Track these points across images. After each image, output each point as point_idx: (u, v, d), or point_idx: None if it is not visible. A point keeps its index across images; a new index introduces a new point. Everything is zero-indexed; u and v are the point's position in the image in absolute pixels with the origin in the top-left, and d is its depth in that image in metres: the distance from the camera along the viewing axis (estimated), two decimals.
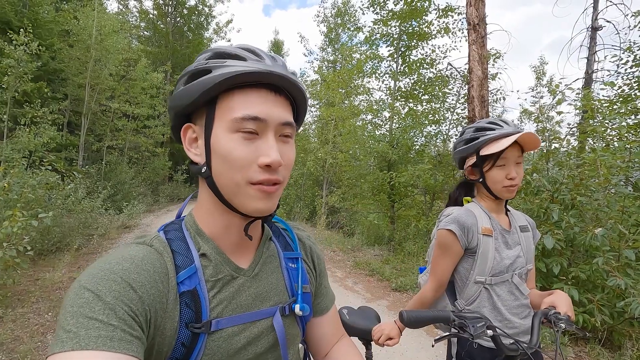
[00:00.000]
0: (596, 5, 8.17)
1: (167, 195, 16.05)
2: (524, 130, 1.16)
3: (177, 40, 20.36)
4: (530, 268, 1.28)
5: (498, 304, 1.22)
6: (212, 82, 0.53)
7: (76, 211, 6.72)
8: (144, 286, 0.49)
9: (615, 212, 3.40)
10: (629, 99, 5.83)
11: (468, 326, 0.92)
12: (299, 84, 0.58)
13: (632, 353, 3.01)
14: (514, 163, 1.21)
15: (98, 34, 10.55)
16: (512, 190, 1.22)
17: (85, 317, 0.43)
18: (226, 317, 0.58)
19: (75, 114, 11.85)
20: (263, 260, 0.67)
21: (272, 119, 0.55)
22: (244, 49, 0.58)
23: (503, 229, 1.27)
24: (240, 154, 0.53)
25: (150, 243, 0.57)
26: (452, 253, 1.25)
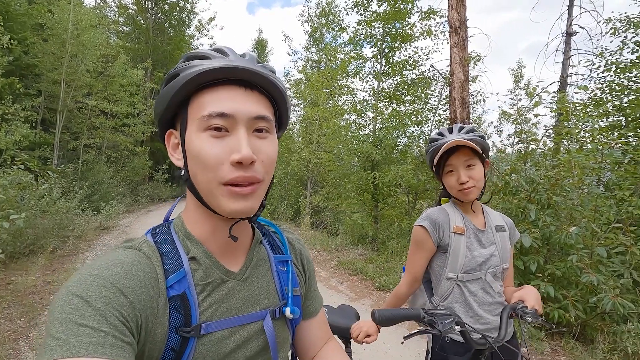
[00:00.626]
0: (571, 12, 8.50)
1: (147, 195, 15.67)
2: (451, 140, 1.24)
3: (158, 36, 19.88)
4: (505, 267, 1.33)
5: (470, 300, 1.27)
6: (179, 83, 0.54)
7: (51, 212, 6.46)
8: (135, 292, 0.49)
9: (588, 211, 3.55)
10: (601, 102, 6.09)
11: (437, 322, 0.97)
12: (271, 76, 0.57)
13: (603, 346, 3.15)
14: (464, 167, 1.26)
15: (74, 29, 10.18)
16: (466, 193, 1.27)
17: (75, 323, 0.42)
18: (216, 321, 0.57)
19: (49, 111, 11.40)
20: (254, 264, 0.67)
21: (241, 114, 0.54)
22: (214, 49, 0.59)
23: (476, 228, 1.32)
24: (210, 152, 0.53)
25: (139, 247, 0.56)
26: (424, 248, 1.32)
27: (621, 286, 3.13)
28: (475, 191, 1.26)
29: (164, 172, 17.53)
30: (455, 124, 1.35)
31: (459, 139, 1.23)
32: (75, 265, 5.36)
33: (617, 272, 3.27)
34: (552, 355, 3.32)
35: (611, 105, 5.91)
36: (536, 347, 3.39)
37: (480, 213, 1.38)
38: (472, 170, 1.26)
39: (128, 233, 8.37)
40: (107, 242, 7.15)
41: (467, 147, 1.24)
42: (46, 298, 4.06)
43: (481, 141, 1.26)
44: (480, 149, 1.25)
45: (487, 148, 1.29)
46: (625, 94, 5.81)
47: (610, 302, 2.87)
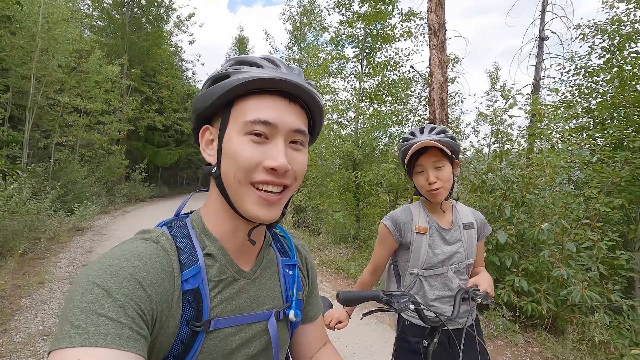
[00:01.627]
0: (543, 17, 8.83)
1: (124, 195, 15.18)
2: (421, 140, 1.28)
3: (135, 32, 19.26)
4: (471, 262, 1.41)
5: (429, 293, 1.36)
6: (229, 85, 0.56)
7: (20, 213, 6.16)
8: (153, 284, 0.50)
9: (559, 209, 3.71)
10: (571, 104, 6.37)
11: (393, 302, 1.07)
12: (315, 94, 0.60)
13: (573, 337, 3.30)
14: (433, 168, 1.30)
15: (45, 22, 9.72)
16: (435, 194, 1.30)
17: (95, 313, 0.43)
18: (225, 318, 0.59)
19: (18, 108, 10.85)
20: (263, 265, 0.69)
21: (283, 125, 0.56)
22: (264, 58, 0.61)
23: (440, 227, 1.38)
24: (247, 154, 0.55)
25: (157, 240, 0.57)
26: (386, 244, 1.43)
27: (589, 279, 3.30)
28: (443, 192, 1.30)
29: (141, 171, 17.03)
30: (427, 124, 1.37)
31: (428, 139, 1.26)
32: (48, 268, 5.15)
33: (585, 266, 3.44)
34: (525, 346, 3.46)
35: (580, 108, 6.20)
36: (511, 340, 3.52)
37: (450, 211, 1.43)
38: (440, 171, 1.29)
39: (104, 234, 8.11)
40: (82, 244, 6.90)
41: (437, 148, 1.27)
42: (16, 303, 3.89)
43: (451, 142, 1.28)
44: (449, 150, 1.27)
45: (456, 149, 1.31)
46: (593, 97, 6.10)
47: (579, 295, 3.02)
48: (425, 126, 1.36)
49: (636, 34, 5.78)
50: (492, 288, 1.27)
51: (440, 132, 1.31)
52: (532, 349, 3.42)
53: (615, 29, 6.04)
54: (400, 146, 1.39)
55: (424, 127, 1.35)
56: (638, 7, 5.74)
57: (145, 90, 18.90)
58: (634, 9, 5.83)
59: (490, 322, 3.76)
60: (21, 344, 3.07)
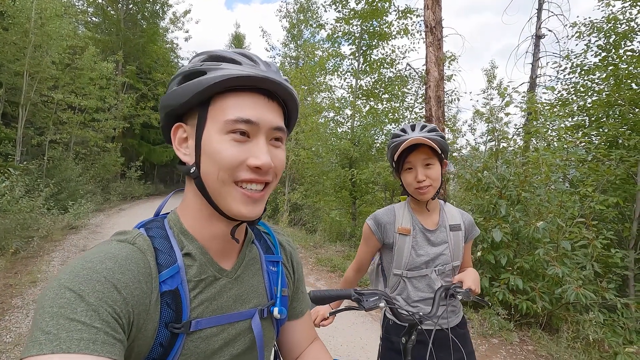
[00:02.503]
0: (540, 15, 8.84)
1: (119, 193, 15.08)
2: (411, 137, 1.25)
3: (130, 28, 19.09)
4: (456, 264, 1.38)
5: (412, 294, 1.36)
6: (207, 83, 0.53)
7: (13, 211, 6.10)
8: (128, 287, 0.48)
9: (554, 207, 3.71)
10: (566, 102, 6.37)
11: (363, 300, 1.07)
12: (292, 90, 0.60)
13: (567, 335, 3.31)
14: (422, 166, 1.28)
15: (38, 18, 9.60)
16: (423, 193, 1.29)
17: (67, 318, 0.41)
18: (206, 318, 0.58)
19: (11, 105, 10.73)
20: (245, 263, 0.67)
21: (264, 123, 0.56)
22: (240, 53, 0.59)
23: (425, 228, 1.36)
24: (230, 154, 0.54)
25: (133, 241, 0.55)
26: (369, 243, 1.43)
27: (584, 278, 3.30)
28: (431, 191, 1.28)
29: (137, 169, 16.92)
30: (418, 122, 1.36)
31: (419, 137, 1.24)
32: (40, 267, 5.09)
33: (580, 265, 3.45)
34: (520, 345, 3.46)
35: (576, 106, 6.20)
36: (506, 338, 3.52)
37: (437, 212, 1.41)
38: (429, 169, 1.28)
39: (99, 233, 8.05)
40: (76, 243, 6.84)
41: (427, 146, 1.25)
42: (8, 302, 3.84)
43: (441, 141, 1.27)
44: (439, 148, 1.26)
45: (446, 149, 1.30)
46: (589, 95, 6.11)
47: (573, 293, 3.02)
48: (416, 124, 1.34)
49: (632, 32, 5.78)
50: (476, 284, 1.26)
51: (431, 130, 1.30)
52: (527, 347, 3.42)
53: (611, 27, 6.03)
54: (389, 143, 1.37)
55: (415, 124, 1.34)
56: (634, 5, 5.74)
57: (141, 87, 18.75)
58: (629, 7, 5.83)
59: (485, 320, 3.76)
60: (11, 344, 3.03)
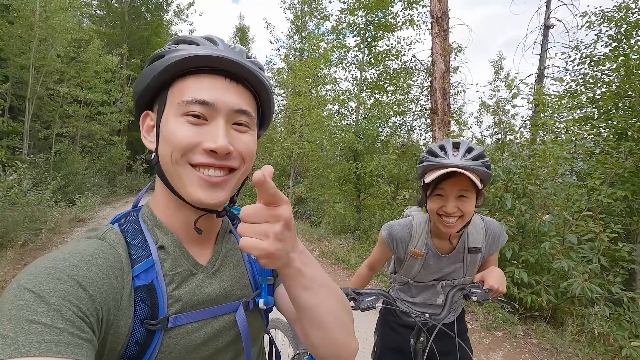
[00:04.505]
0: (549, 5, 8.64)
1: (125, 186, 15.24)
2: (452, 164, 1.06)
3: (134, 21, 19.07)
4: (468, 279, 1.32)
5: (417, 297, 1.35)
6: (163, 65, 0.53)
7: (21, 204, 6.18)
8: (95, 283, 0.46)
9: (561, 200, 3.66)
10: (575, 94, 6.26)
11: (359, 300, 1.06)
12: (257, 72, 0.56)
13: (572, 329, 3.29)
14: (455, 197, 1.10)
15: (43, 11, 9.61)
16: (447, 226, 1.12)
17: (26, 320, 0.38)
18: (185, 313, 0.55)
19: (18, 98, 10.80)
20: (223, 255, 0.65)
21: (223, 105, 0.53)
22: (205, 37, 0.57)
23: (438, 253, 1.26)
24: (183, 136, 0.51)
25: (103, 237, 0.54)
26: (382, 249, 1.39)
27: (590, 271, 3.27)
28: (459, 225, 1.12)
29: (142, 162, 17.03)
30: (463, 141, 1.12)
31: (461, 165, 1.05)
32: None
33: (586, 258, 3.41)
34: (524, 338, 3.45)
35: (585, 98, 6.09)
36: (510, 331, 3.51)
37: (457, 238, 1.27)
38: (463, 201, 1.10)
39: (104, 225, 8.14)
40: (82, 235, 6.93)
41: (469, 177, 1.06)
42: None
43: (485, 172, 1.08)
44: (481, 181, 1.09)
45: (487, 180, 1.12)
46: (598, 86, 5.99)
47: (579, 287, 3.00)
48: (460, 143, 1.12)
49: None
50: (500, 284, 1.09)
51: (477, 158, 1.08)
52: (531, 340, 3.41)
53: (622, 16, 5.88)
54: (423, 157, 1.17)
55: (459, 143, 1.12)
56: None
57: None
58: None
59: (489, 313, 3.76)
60: None
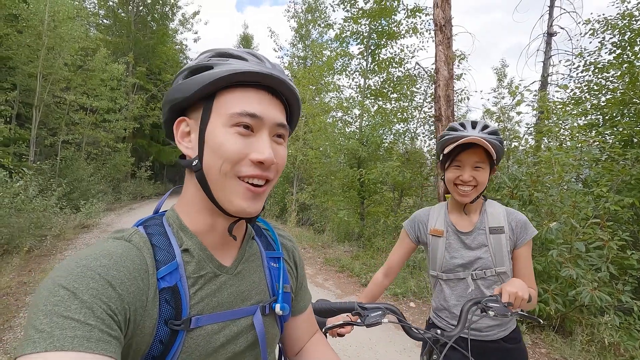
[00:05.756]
0: (551, 13, 8.68)
1: (129, 192, 15.29)
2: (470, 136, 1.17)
3: (140, 30, 19.34)
4: (501, 270, 1.25)
5: (449, 297, 1.30)
6: (214, 76, 0.55)
7: (27, 210, 6.22)
8: (124, 283, 0.48)
9: (567, 207, 3.63)
10: (580, 101, 6.25)
11: (364, 315, 1.02)
12: (295, 89, 0.61)
13: (582, 338, 3.24)
14: (471, 167, 1.21)
15: (51, 20, 9.79)
16: (463, 194, 1.22)
17: (60, 316, 0.41)
18: (206, 315, 0.57)
19: (25, 106, 10.95)
20: (245, 259, 0.67)
21: (268, 118, 0.57)
22: (248, 52, 0.60)
23: (458, 230, 1.30)
24: (234, 147, 0.54)
25: (129, 238, 0.55)
26: (402, 244, 1.42)
27: (599, 280, 3.22)
28: (473, 194, 1.22)
29: (147, 169, 17.13)
30: (480, 120, 1.26)
31: (478, 136, 1.17)
32: (53, 265, 5.18)
33: (595, 266, 3.37)
34: (532, 347, 3.40)
35: (589, 104, 6.08)
36: None
37: (476, 213, 1.32)
38: (477, 171, 1.21)
39: (109, 231, 8.13)
40: (87, 241, 6.94)
41: (482, 147, 1.18)
42: (22, 300, 3.91)
43: (499, 146, 1.19)
44: (495, 153, 1.19)
45: (500, 155, 1.23)
46: (602, 93, 5.98)
47: (588, 295, 2.95)
48: (478, 121, 1.25)
49: None
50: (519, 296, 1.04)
51: (492, 133, 1.21)
52: (540, 350, 3.36)
53: (626, 23, 5.90)
54: (443, 134, 1.28)
55: (477, 122, 1.25)
56: None
57: (151, 88, 18.99)
58: None
59: None
60: None
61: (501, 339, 1.27)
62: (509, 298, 1.03)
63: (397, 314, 1.04)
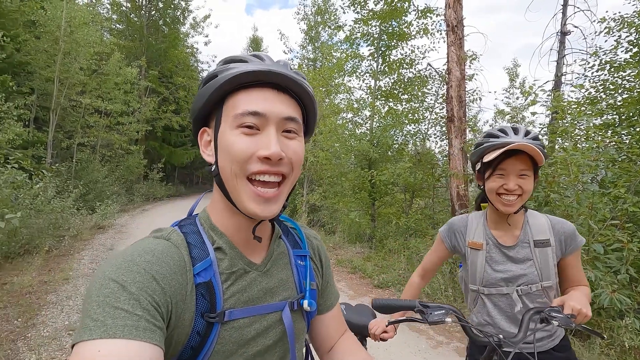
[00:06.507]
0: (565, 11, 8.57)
1: (142, 194, 15.53)
2: (517, 142, 1.10)
3: (152, 34, 19.65)
4: (548, 285, 1.19)
5: (493, 313, 1.23)
6: (217, 83, 0.57)
7: (46, 211, 6.39)
8: (166, 278, 0.51)
9: (584, 209, 3.58)
10: (595, 101, 6.15)
11: (427, 313, 1.02)
12: (302, 82, 0.61)
13: (601, 341, 3.19)
14: (516, 175, 1.14)
15: (67, 26, 10.04)
16: (508, 204, 1.15)
17: (112, 306, 0.45)
18: (238, 309, 0.60)
19: (43, 110, 11.25)
20: (274, 257, 0.70)
21: (273, 114, 0.57)
22: (252, 55, 0.62)
23: (499, 243, 1.23)
24: (240, 147, 0.56)
25: (168, 237, 0.59)
26: (437, 249, 1.38)
27: (618, 282, 3.17)
28: (518, 203, 1.15)
29: (159, 171, 17.38)
30: (521, 126, 1.19)
31: (526, 143, 1.09)
32: (72, 264, 5.31)
33: (613, 269, 3.31)
34: None
35: (605, 104, 5.97)
36: None
37: (518, 225, 1.24)
38: (523, 179, 1.14)
39: (124, 232, 8.31)
40: (103, 242, 7.09)
41: (527, 154, 1.12)
42: (43, 298, 4.02)
43: (544, 152, 1.13)
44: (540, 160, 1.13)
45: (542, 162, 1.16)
46: (619, 92, 5.87)
47: (607, 298, 2.91)
48: (519, 127, 1.18)
49: None
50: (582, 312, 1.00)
51: (535, 138, 1.15)
52: None
53: None
54: (481, 141, 1.21)
55: (518, 127, 1.18)
56: None
57: (163, 91, 19.26)
58: None
59: None
60: (48, 338, 3.18)
61: (551, 349, 1.24)
62: (572, 311, 0.99)
63: (459, 314, 1.04)
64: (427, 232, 6.88)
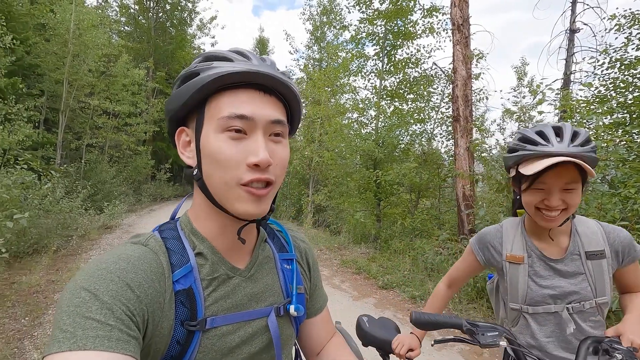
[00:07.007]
0: (574, 9, 8.44)
1: (149, 194, 15.71)
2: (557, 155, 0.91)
3: (160, 36, 19.88)
4: (603, 301, 1.03)
5: (538, 333, 1.08)
6: (200, 83, 0.53)
7: (54, 211, 6.48)
8: (142, 286, 0.49)
9: (593, 209, 3.52)
10: (605, 99, 6.04)
11: (477, 334, 0.91)
12: (289, 83, 0.58)
13: None
14: (560, 189, 0.95)
15: (76, 28, 10.19)
16: (549, 219, 0.98)
17: (82, 316, 0.42)
18: (221, 316, 0.58)
19: (52, 111, 11.44)
20: (259, 262, 0.67)
21: (260, 118, 0.54)
22: (233, 51, 0.59)
23: (544, 255, 1.07)
24: (228, 154, 0.53)
25: (146, 243, 0.57)
26: (467, 262, 1.24)
27: None
28: (561, 218, 0.98)
29: (166, 171, 17.56)
30: (566, 126, 0.97)
31: (570, 151, 0.91)
32: (79, 264, 5.38)
33: None
34: None
35: (615, 102, 5.86)
36: None
37: (566, 235, 1.08)
38: (569, 193, 0.95)
39: (131, 232, 8.39)
40: (111, 242, 7.17)
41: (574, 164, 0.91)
42: (50, 297, 4.08)
43: (594, 159, 0.94)
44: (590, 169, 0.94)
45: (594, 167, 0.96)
46: (630, 90, 5.76)
47: (615, 300, 2.85)
48: (563, 128, 0.97)
49: None
50: None
51: (584, 142, 0.94)
52: None
53: None
54: (514, 146, 1.03)
55: (562, 128, 0.97)
56: None
57: (170, 92, 19.39)
58: None
59: None
60: None
61: None
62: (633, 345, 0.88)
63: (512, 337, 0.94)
64: (432, 232, 6.83)
